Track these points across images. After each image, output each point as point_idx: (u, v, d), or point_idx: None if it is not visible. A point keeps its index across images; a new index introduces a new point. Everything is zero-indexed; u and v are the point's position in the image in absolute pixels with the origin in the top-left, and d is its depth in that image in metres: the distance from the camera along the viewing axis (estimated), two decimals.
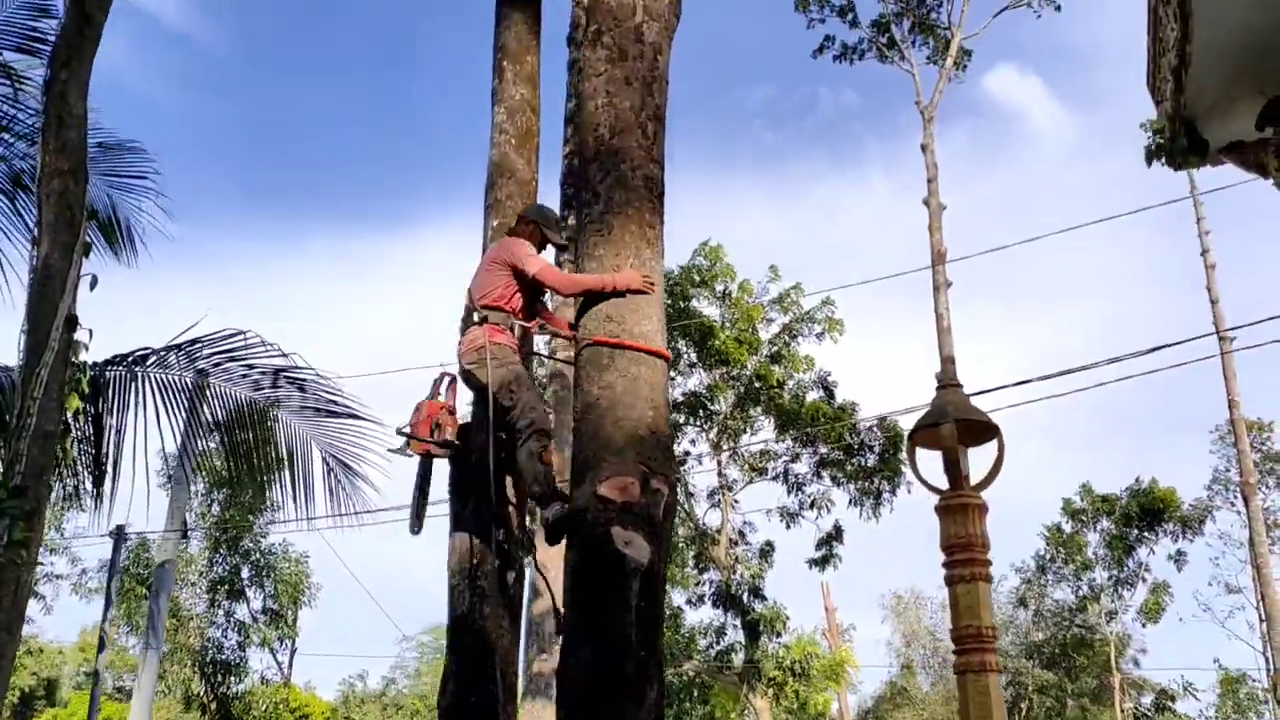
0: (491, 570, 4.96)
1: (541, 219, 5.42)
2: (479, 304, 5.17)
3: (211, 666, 20.78)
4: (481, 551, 5.00)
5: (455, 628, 4.92)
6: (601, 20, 5.17)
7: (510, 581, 5.01)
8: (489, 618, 4.87)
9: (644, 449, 4.38)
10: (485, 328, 5.06)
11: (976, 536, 4.85)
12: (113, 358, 8.98)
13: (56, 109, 8.27)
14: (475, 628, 4.84)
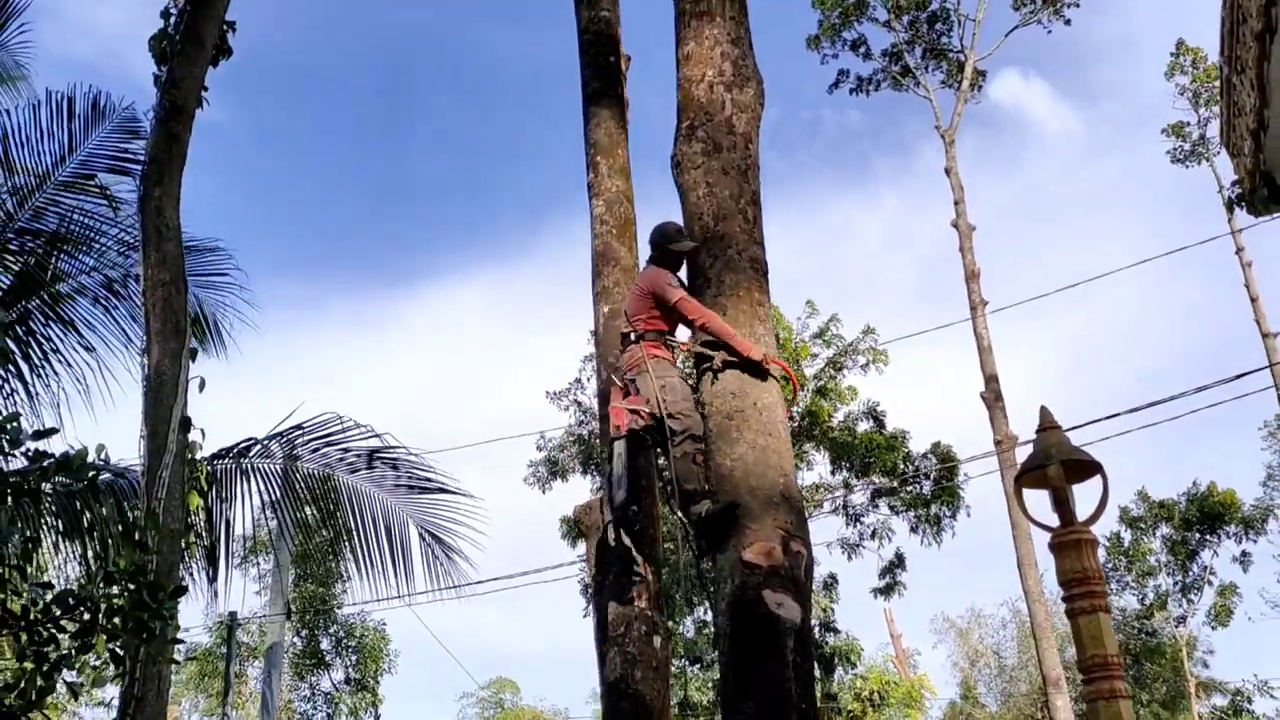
0: (640, 634, 5.29)
1: (664, 238, 5.58)
2: (634, 325, 5.52)
3: None
4: (627, 618, 5.34)
5: (610, 694, 5.24)
6: (694, 116, 5.57)
7: (658, 646, 5.34)
8: (640, 681, 5.19)
9: (780, 514, 4.72)
10: (643, 345, 5.42)
11: (1092, 570, 5.11)
12: (220, 451, 9.40)
13: (154, 223, 8.75)
14: (630, 692, 5.16)
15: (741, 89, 5.59)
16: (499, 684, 45.88)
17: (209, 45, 9.31)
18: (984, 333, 25.59)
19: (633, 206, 6.26)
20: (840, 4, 28.26)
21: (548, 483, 21.87)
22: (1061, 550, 5.23)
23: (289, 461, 9.94)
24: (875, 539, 21.47)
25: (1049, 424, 5.48)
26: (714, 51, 5.63)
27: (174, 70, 9.02)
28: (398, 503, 10.13)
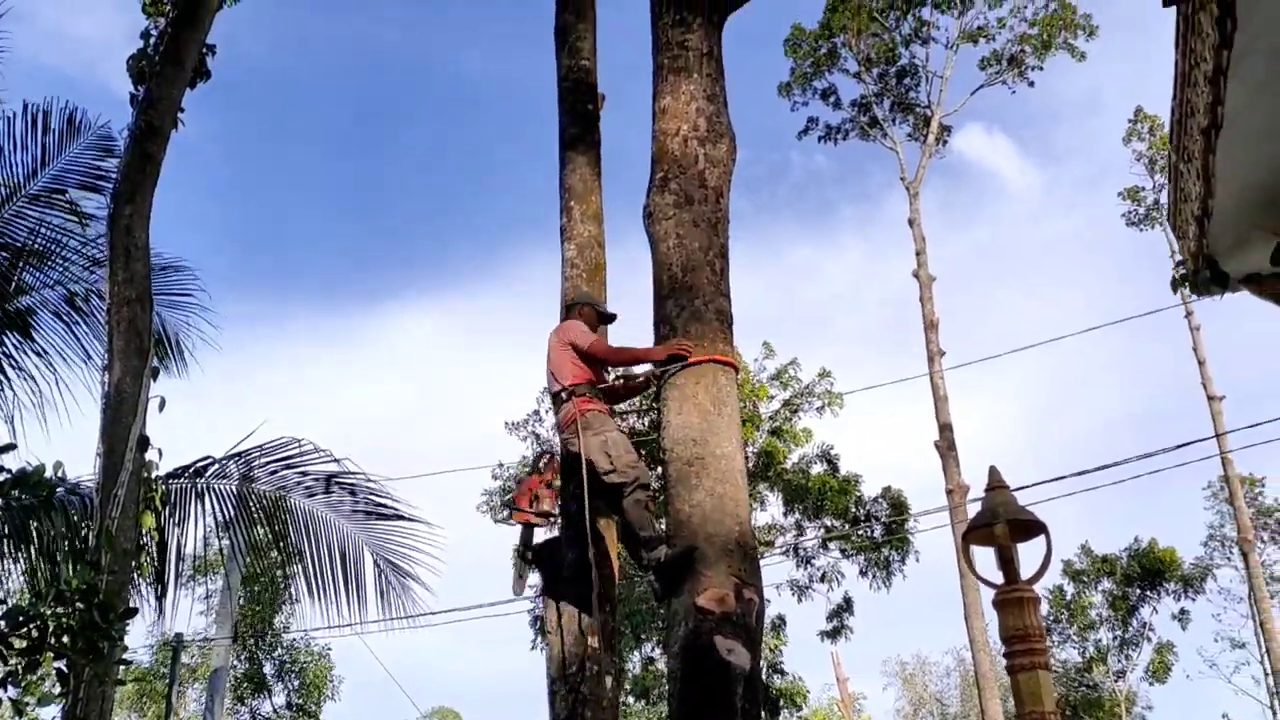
0: (591, 675, 5.37)
1: (590, 301, 6.05)
2: (563, 385, 5.66)
3: None
4: (579, 657, 5.42)
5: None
6: (668, 168, 5.73)
7: (609, 686, 5.42)
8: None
9: (735, 561, 4.84)
10: (574, 401, 5.56)
11: (1033, 627, 5.27)
12: (176, 470, 9.36)
13: (123, 242, 8.75)
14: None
15: (715, 144, 5.76)
16: (441, 713, 45.39)
17: (188, 68, 9.36)
18: (940, 382, 25.97)
19: (603, 252, 6.40)
20: (812, 54, 28.76)
21: (500, 511, 21.82)
22: (1004, 607, 5.39)
23: (245, 483, 9.91)
24: (825, 581, 21.63)
25: (997, 483, 5.66)
26: (690, 107, 5.80)
27: (151, 91, 9.06)
28: (354, 528, 10.13)
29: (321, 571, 10.21)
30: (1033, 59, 28.99)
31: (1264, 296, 4.67)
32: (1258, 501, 28.06)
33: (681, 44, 5.94)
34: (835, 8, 28.20)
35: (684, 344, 5.26)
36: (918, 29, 29.16)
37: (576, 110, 6.75)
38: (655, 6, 6.15)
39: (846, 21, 27.95)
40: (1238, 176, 4.13)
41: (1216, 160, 4.00)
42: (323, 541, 10.15)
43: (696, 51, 5.92)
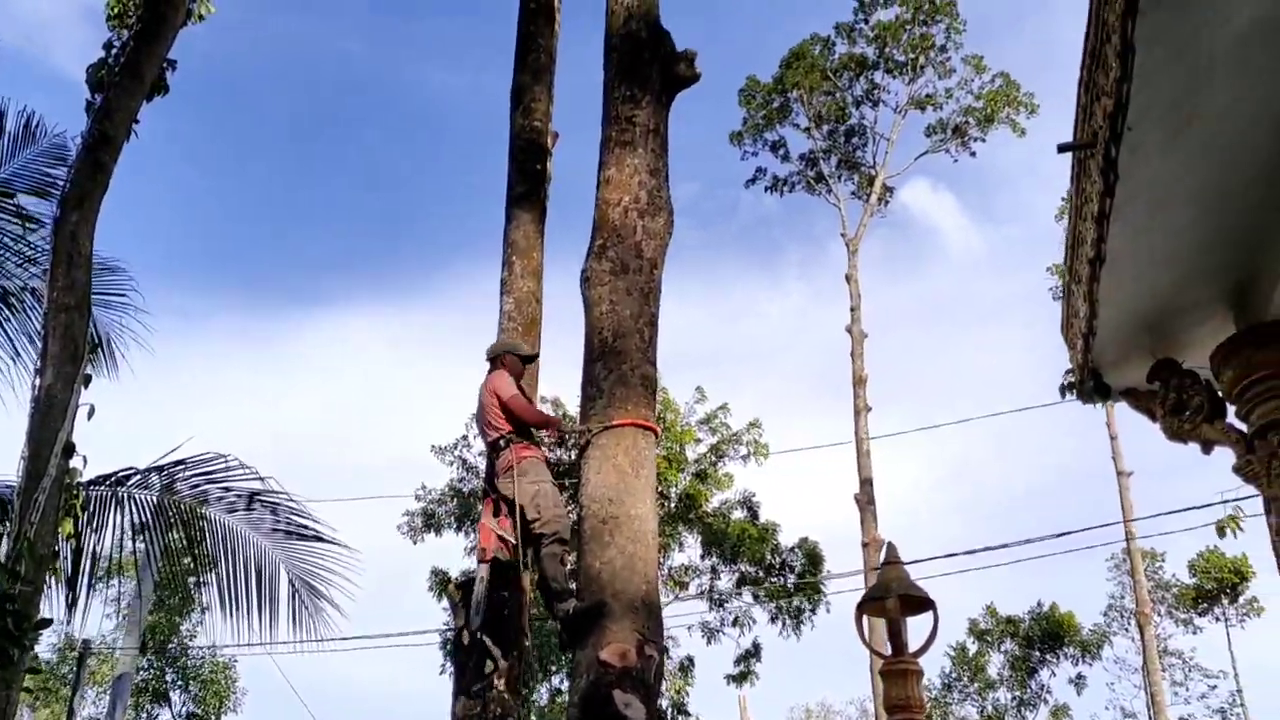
0: (494, 716, 5.59)
1: (508, 348, 6.33)
2: (501, 433, 5.91)
3: None
4: (484, 700, 5.64)
5: None
6: (607, 236, 6.04)
7: None
8: None
9: (639, 618, 5.12)
10: (512, 448, 5.81)
11: (914, 698, 5.60)
12: (97, 478, 9.39)
13: (66, 248, 8.82)
14: None
15: (654, 217, 6.08)
16: None
17: (147, 81, 9.49)
18: (864, 437, 26.60)
19: (540, 308, 6.67)
20: (765, 106, 29.42)
21: (421, 534, 21.86)
22: (889, 677, 5.73)
23: (166, 494, 9.96)
24: (736, 626, 21.94)
25: (893, 559, 6.02)
26: (633, 180, 6.12)
27: (108, 101, 9.17)
28: (272, 546, 10.21)
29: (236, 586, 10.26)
30: (976, 130, 29.94)
31: (1139, 409, 5.09)
32: (1157, 576, 29.04)
33: (630, 119, 6.26)
34: (790, 64, 28.91)
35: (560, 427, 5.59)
36: (869, 91, 29.99)
37: (525, 169, 7.04)
38: (608, 80, 6.47)
39: (800, 78, 28.66)
40: (1119, 302, 4.54)
41: (1100, 287, 4.40)
42: (239, 557, 10.20)
43: (644, 127, 6.25)
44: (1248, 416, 4.46)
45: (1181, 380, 4.77)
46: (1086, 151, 3.95)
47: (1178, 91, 3.42)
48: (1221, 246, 4.18)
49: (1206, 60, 3.29)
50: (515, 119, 7.26)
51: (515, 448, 5.75)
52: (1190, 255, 4.26)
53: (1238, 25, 3.18)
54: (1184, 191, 3.88)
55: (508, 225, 6.89)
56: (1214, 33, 3.19)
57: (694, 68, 6.47)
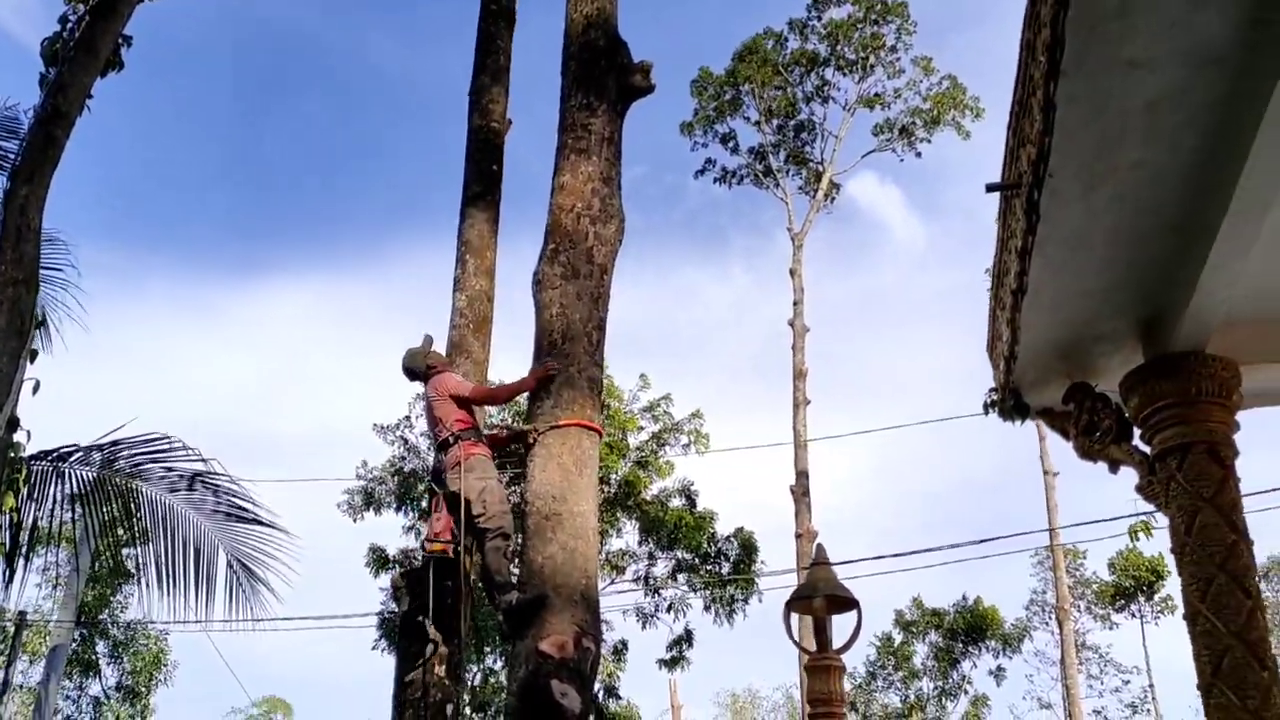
0: (435, 701, 5.80)
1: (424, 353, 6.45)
2: (451, 432, 6.08)
3: None
4: (427, 684, 5.84)
5: None
6: (559, 241, 6.24)
7: (450, 714, 5.85)
8: None
9: (578, 612, 5.36)
10: (461, 445, 6.02)
11: (835, 693, 5.91)
12: (40, 453, 9.42)
13: (15, 222, 8.80)
14: None
15: (605, 224, 6.30)
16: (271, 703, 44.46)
17: (102, 56, 9.48)
18: (802, 429, 27.08)
19: (491, 306, 6.85)
20: (717, 98, 29.67)
21: (361, 512, 21.89)
22: (813, 673, 6.04)
23: (106, 471, 10.00)
24: (671, 612, 22.31)
25: (821, 560, 6.33)
26: (586, 187, 6.33)
27: (63, 76, 9.15)
28: (213, 527, 10.30)
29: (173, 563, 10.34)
30: (922, 131, 30.47)
31: (1054, 428, 5.41)
32: (1078, 573, 29.95)
33: (585, 126, 6.46)
34: (743, 57, 29.18)
35: (550, 365, 5.78)
36: (819, 87, 30.37)
37: (481, 169, 7.21)
38: (565, 88, 6.66)
39: (752, 72, 28.95)
40: (1039, 329, 4.85)
41: (1021, 316, 4.71)
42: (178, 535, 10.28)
43: (599, 135, 6.45)
44: (1150, 440, 4.79)
45: (1094, 403, 5.09)
46: (1012, 191, 4.24)
47: (1093, 147, 3.71)
48: (1133, 284, 4.50)
49: (1119, 123, 3.58)
50: (473, 119, 7.42)
51: (464, 445, 5.95)
52: (1105, 291, 4.57)
53: (1146, 94, 3.47)
54: (1100, 234, 4.19)
55: (462, 223, 7.05)
56: (1125, 100, 3.49)
57: (649, 79, 6.68)
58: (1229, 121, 3.57)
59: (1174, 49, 3.34)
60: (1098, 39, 3.32)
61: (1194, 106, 3.55)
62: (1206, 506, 4.48)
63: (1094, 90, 3.49)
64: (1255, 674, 4.23)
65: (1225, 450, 4.60)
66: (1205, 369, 4.61)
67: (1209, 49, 3.34)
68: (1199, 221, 4.01)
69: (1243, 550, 4.44)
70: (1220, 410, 4.64)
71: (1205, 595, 4.40)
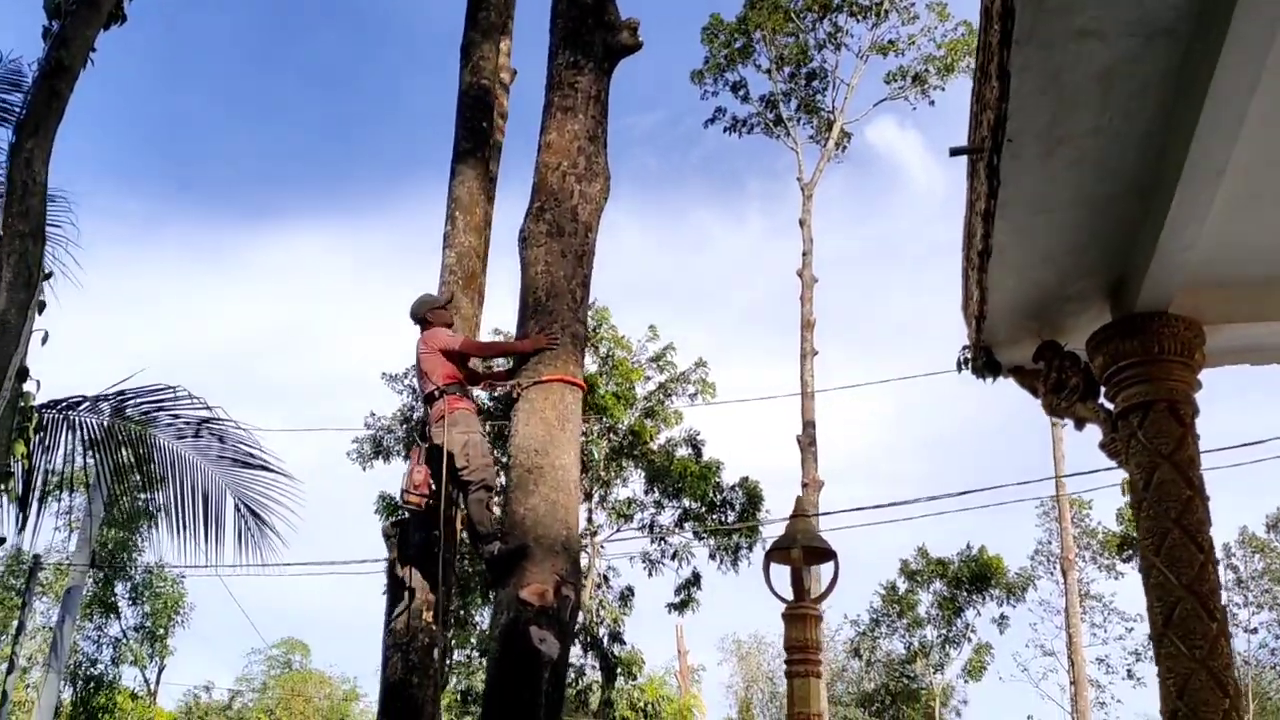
0: (422, 645, 6.02)
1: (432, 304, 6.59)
2: (436, 384, 6.24)
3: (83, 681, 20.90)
4: (414, 628, 6.06)
5: (388, 693, 5.95)
6: (544, 199, 6.33)
7: (437, 656, 6.07)
8: (417, 686, 5.92)
9: (559, 561, 5.53)
10: (446, 399, 6.17)
11: (812, 641, 6.10)
12: (50, 402, 9.64)
13: (21, 176, 8.93)
14: (406, 694, 5.89)
15: (590, 183, 6.38)
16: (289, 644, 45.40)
17: (104, 9, 9.53)
18: (809, 379, 27.17)
19: (481, 262, 6.97)
20: (728, 45, 29.42)
21: (370, 460, 22.22)
22: (791, 621, 6.22)
23: (116, 418, 10.23)
24: (676, 559, 22.62)
25: (800, 512, 6.50)
26: (572, 145, 6.40)
27: (65, 29, 9.21)
28: (220, 473, 10.54)
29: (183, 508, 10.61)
30: (936, 79, 30.17)
31: (1024, 386, 5.52)
32: (1084, 523, 30.13)
33: (572, 85, 6.52)
34: (754, 4, 28.88)
35: (550, 336, 5.90)
36: (832, 34, 30.05)
37: (471, 125, 7.28)
38: (553, 45, 6.71)
39: (763, 19, 28.67)
40: (1007, 289, 4.94)
41: (989, 277, 4.80)
42: (187, 480, 10.53)
43: (585, 94, 6.51)
44: (1114, 398, 4.90)
45: (1062, 361, 5.19)
46: (975, 155, 4.31)
47: (1050, 114, 3.78)
48: (1097, 247, 4.58)
49: (1073, 91, 3.65)
50: (464, 76, 7.48)
51: (449, 399, 6.10)
52: (1069, 253, 4.66)
53: (1099, 64, 3.54)
54: (1061, 198, 4.27)
55: (452, 180, 7.14)
56: (1078, 69, 3.56)
57: (636, 36, 6.72)
58: (1180, 90, 3.63)
59: (1123, 20, 3.40)
60: (1048, 10, 3.38)
61: (1145, 75, 3.61)
62: (1165, 463, 4.60)
63: (1047, 59, 3.55)
64: (1204, 625, 4.38)
65: (1185, 408, 4.71)
66: (1168, 329, 4.70)
67: (1157, 20, 3.40)
68: (1157, 186, 4.08)
69: (1198, 505, 4.56)
70: (1182, 369, 4.74)
71: (1160, 549, 4.53)
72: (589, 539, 22.37)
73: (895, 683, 29.78)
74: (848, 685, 31.89)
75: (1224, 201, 4.05)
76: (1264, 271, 4.65)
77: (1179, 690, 4.33)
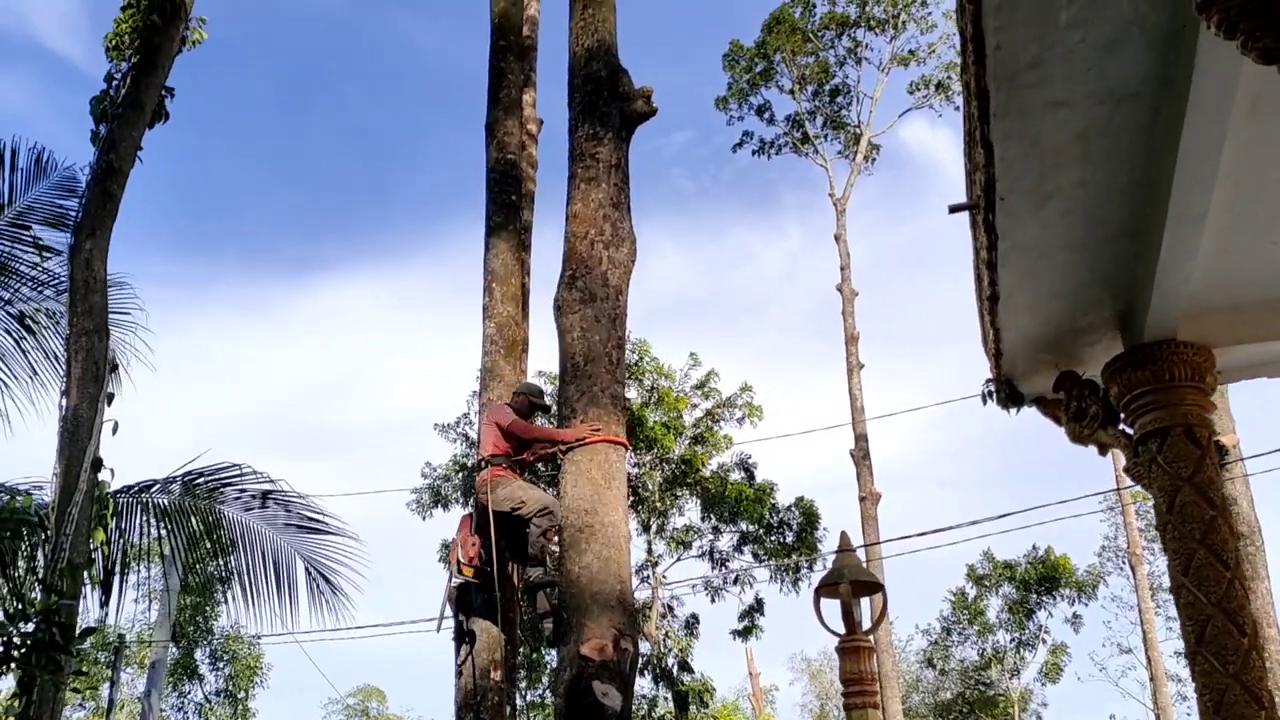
0: (492, 704, 6.31)
1: (529, 392, 7.04)
2: (483, 455, 6.66)
3: None
4: (483, 689, 6.36)
5: None
6: (575, 267, 6.65)
7: (507, 715, 6.36)
8: None
9: (614, 616, 5.80)
10: (489, 470, 6.53)
11: (867, 672, 6.29)
12: (123, 488, 10.11)
13: (83, 275, 9.47)
14: None
15: (618, 248, 6.69)
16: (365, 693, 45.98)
17: (148, 110, 10.08)
18: (858, 393, 27.24)
19: (521, 329, 7.30)
20: (749, 70, 29.74)
21: (429, 510, 22.65)
22: (844, 654, 6.43)
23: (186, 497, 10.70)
24: (738, 584, 22.77)
25: (845, 547, 6.72)
26: (598, 214, 6.71)
27: (113, 132, 9.77)
28: (288, 540, 10.97)
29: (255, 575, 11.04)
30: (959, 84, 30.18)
31: (1047, 415, 5.72)
32: (1149, 515, 29.77)
33: (594, 155, 6.84)
34: (771, 28, 29.19)
35: (593, 430, 6.21)
36: (852, 49, 30.26)
37: (501, 200, 7.63)
38: (572, 119, 7.04)
39: (782, 42, 28.96)
40: (1019, 328, 5.17)
41: (999, 318, 5.04)
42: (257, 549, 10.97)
43: (606, 163, 6.83)
44: (1133, 425, 5.09)
45: (1082, 390, 5.39)
46: (973, 213, 4.56)
47: (1036, 173, 4.03)
48: (1100, 284, 4.80)
49: (1054, 152, 3.89)
50: (490, 152, 7.83)
51: (492, 470, 6.44)
52: (1075, 291, 4.87)
53: (1074, 127, 3.78)
54: (1058, 245, 4.50)
55: (487, 254, 7.49)
56: (1056, 134, 3.80)
57: (651, 104, 7.03)
58: (1154, 147, 3.87)
59: (1090, 89, 3.65)
60: (1020, 86, 3.64)
61: (1119, 135, 3.85)
62: (1185, 486, 4.78)
63: (1026, 127, 3.81)
64: (1235, 640, 4.54)
65: (1201, 431, 4.89)
66: (1178, 355, 4.89)
67: (1122, 87, 3.64)
68: (1147, 231, 4.30)
69: (1220, 525, 4.73)
70: (1195, 393, 4.93)
71: (1188, 569, 4.71)
72: (650, 570, 22.61)
73: (971, 690, 29.56)
74: (924, 696, 31.71)
75: (1214, 237, 4.26)
76: (1264, 295, 4.82)
77: (1215, 705, 4.50)
